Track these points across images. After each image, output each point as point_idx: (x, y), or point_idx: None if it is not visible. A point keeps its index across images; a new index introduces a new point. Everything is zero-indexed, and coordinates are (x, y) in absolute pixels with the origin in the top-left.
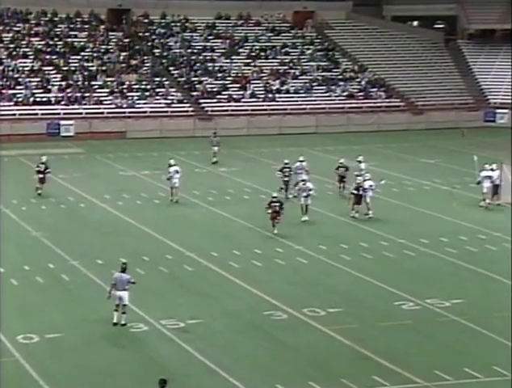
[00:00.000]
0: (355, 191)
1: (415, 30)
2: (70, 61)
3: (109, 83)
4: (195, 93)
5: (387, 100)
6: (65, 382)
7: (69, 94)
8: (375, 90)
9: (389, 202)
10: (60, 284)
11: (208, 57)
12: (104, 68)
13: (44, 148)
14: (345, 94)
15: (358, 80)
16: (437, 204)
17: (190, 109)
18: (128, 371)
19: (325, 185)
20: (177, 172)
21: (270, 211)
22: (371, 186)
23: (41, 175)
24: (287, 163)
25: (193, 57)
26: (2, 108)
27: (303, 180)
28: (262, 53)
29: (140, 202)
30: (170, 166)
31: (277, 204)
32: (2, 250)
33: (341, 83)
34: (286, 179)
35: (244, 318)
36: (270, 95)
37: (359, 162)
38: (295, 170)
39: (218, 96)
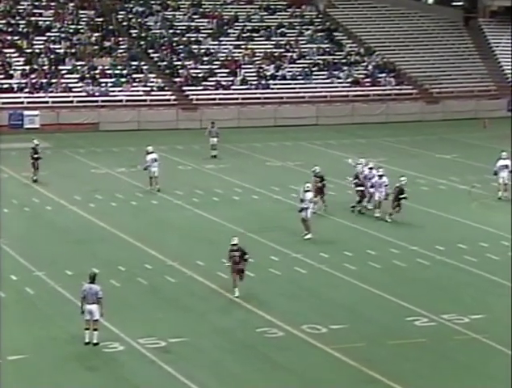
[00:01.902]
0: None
1: (430, 8)
2: (34, 42)
3: (79, 68)
4: (177, 79)
5: (397, 87)
6: None
7: (34, 81)
8: (383, 75)
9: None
10: (23, 299)
11: (193, 39)
12: (73, 50)
13: (5, 142)
14: (349, 80)
15: (365, 64)
16: (454, 206)
17: (173, 97)
18: None
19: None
20: (155, 161)
21: (229, 263)
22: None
23: (32, 161)
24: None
25: (175, 39)
26: None
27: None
28: (255, 34)
29: (116, 204)
30: (148, 153)
31: (237, 253)
32: None
33: (345, 68)
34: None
35: (234, 336)
36: (263, 82)
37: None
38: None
39: (204, 83)
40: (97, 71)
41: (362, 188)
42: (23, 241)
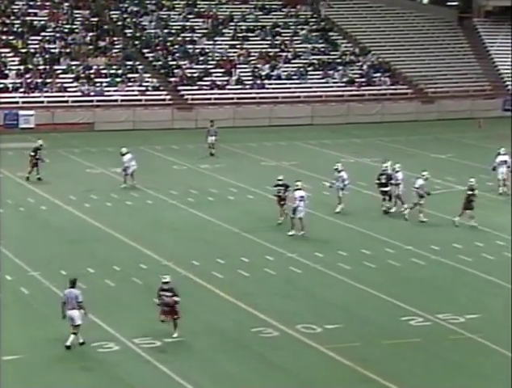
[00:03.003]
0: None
1: (425, 8)
2: (29, 42)
3: (74, 68)
4: (172, 79)
5: (392, 87)
6: None
7: (29, 80)
8: (378, 75)
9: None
10: (19, 299)
11: (188, 39)
12: (68, 50)
13: (0, 141)
14: (344, 80)
15: (360, 64)
16: (449, 206)
17: (168, 97)
18: None
19: (321, 183)
20: (132, 159)
21: (158, 302)
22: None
23: (34, 160)
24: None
25: (170, 39)
26: None
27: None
28: (250, 34)
29: (111, 204)
30: (123, 154)
31: (168, 292)
32: None
33: (340, 68)
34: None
35: (229, 335)
36: (258, 82)
37: (396, 171)
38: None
39: (199, 83)
40: (92, 71)
41: (387, 189)
42: (18, 241)
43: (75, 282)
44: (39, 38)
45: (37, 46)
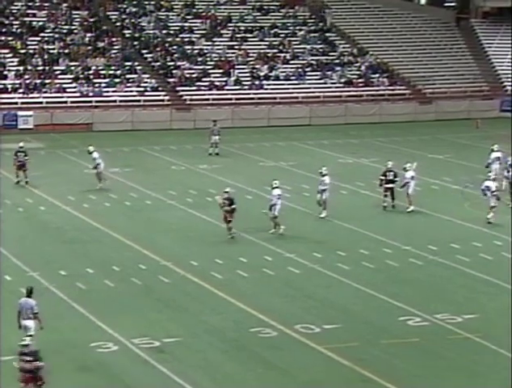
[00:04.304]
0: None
1: (423, 8)
2: (28, 42)
3: (73, 68)
4: (171, 80)
5: (390, 88)
6: None
7: (28, 81)
8: (376, 76)
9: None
10: (17, 300)
11: (186, 39)
12: (67, 51)
13: None
14: (342, 80)
15: (358, 65)
16: (447, 206)
17: (166, 98)
18: None
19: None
20: (100, 157)
21: (18, 366)
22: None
23: (17, 163)
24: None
25: (169, 39)
26: None
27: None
28: (248, 35)
29: (109, 204)
30: (91, 152)
31: (28, 357)
32: None
33: (338, 68)
34: None
35: (228, 335)
36: (257, 82)
37: (405, 169)
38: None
39: (198, 83)
40: (91, 71)
41: (391, 186)
42: (16, 241)
43: (31, 291)
44: (38, 39)
45: (36, 47)
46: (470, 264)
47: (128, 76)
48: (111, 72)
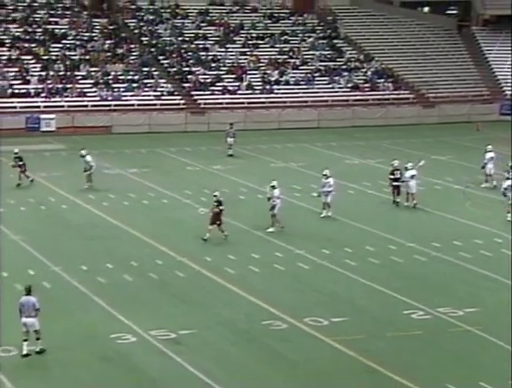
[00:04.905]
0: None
1: (426, 16)
2: (51, 49)
3: (93, 74)
4: (186, 84)
5: (395, 92)
6: None
7: (50, 86)
8: (382, 81)
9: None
10: (40, 293)
11: (201, 46)
12: (88, 57)
13: (23, 144)
14: (349, 85)
15: (364, 70)
16: (449, 205)
17: (182, 102)
18: (114, 387)
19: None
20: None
21: None
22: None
23: (18, 168)
24: None
25: (184, 46)
26: None
27: None
28: (260, 42)
29: (128, 203)
30: (83, 156)
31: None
32: None
33: (345, 74)
34: None
35: (240, 328)
36: (268, 87)
37: (406, 169)
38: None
39: (212, 88)
40: (110, 77)
41: (397, 183)
42: (39, 238)
43: (30, 289)
44: (60, 45)
45: (58, 53)
46: (471, 261)
47: (145, 81)
48: (130, 77)
